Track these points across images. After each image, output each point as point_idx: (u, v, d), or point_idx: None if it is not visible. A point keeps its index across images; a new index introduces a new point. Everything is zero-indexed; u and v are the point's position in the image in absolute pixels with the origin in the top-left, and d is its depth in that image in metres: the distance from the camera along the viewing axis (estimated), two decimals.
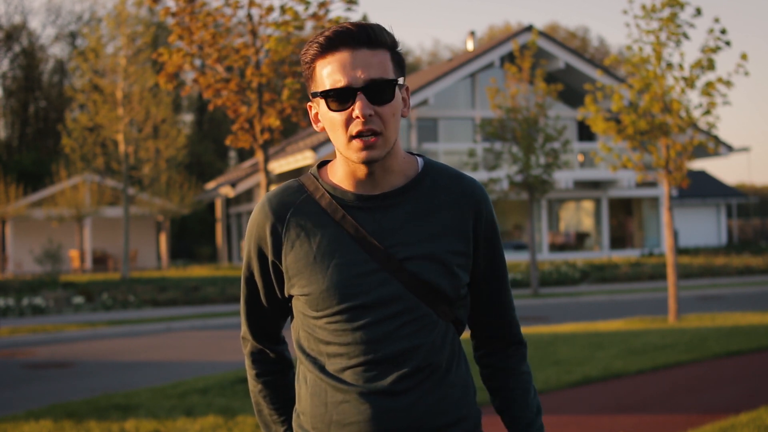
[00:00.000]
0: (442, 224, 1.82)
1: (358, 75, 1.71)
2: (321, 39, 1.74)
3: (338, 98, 1.72)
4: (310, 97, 1.82)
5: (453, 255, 1.81)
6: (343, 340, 1.77)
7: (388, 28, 1.79)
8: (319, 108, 1.80)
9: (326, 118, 1.77)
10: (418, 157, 1.89)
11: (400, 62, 1.79)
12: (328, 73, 1.73)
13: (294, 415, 1.89)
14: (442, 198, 1.84)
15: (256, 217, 1.85)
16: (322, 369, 1.80)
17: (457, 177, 1.87)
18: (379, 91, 1.72)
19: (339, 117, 1.73)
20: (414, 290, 1.77)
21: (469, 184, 1.87)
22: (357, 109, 1.70)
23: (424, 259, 1.78)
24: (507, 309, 1.95)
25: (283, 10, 7.97)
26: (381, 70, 1.73)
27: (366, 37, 1.73)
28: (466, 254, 1.83)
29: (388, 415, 1.75)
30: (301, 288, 1.80)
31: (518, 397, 1.93)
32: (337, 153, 1.82)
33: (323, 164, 1.90)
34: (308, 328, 1.82)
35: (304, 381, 1.85)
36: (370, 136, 1.72)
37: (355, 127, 1.72)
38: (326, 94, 1.74)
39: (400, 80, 1.78)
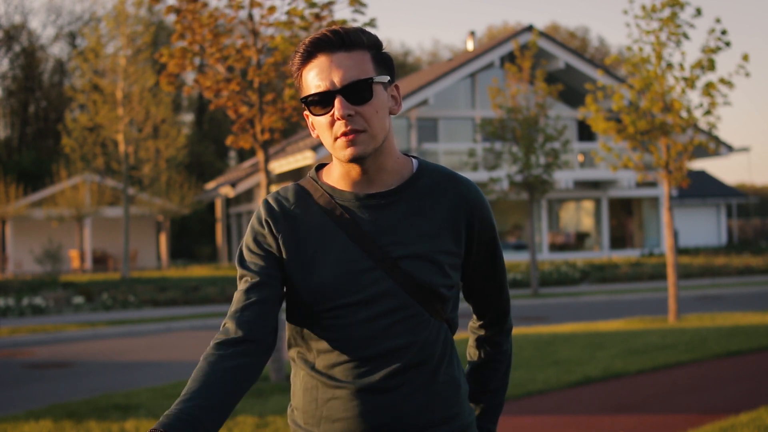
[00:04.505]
0: (437, 224, 1.85)
1: (336, 78, 1.76)
2: (301, 48, 1.81)
3: (320, 102, 1.78)
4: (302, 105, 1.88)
5: (446, 255, 1.84)
6: (335, 337, 1.80)
7: (369, 30, 1.84)
8: (310, 115, 1.85)
9: (315, 123, 1.82)
10: (412, 159, 1.92)
11: (383, 61, 1.83)
12: (311, 80, 1.80)
13: (288, 410, 1.93)
14: (437, 198, 1.87)
15: (259, 216, 1.88)
16: (312, 366, 1.84)
17: (451, 177, 1.91)
18: (357, 91, 1.76)
19: (323, 120, 1.79)
20: (407, 288, 1.80)
21: (463, 184, 1.90)
22: (336, 111, 1.75)
23: (418, 258, 1.81)
24: (501, 301, 2.03)
25: (287, 12, 7.97)
26: (358, 71, 1.77)
27: (341, 40, 1.78)
28: (458, 255, 1.87)
29: (377, 411, 1.78)
30: (297, 284, 1.82)
31: (494, 375, 2.07)
32: (332, 155, 1.87)
33: (320, 167, 1.94)
34: (301, 325, 1.86)
35: (297, 376, 1.89)
36: (352, 133, 1.77)
37: (339, 129, 1.77)
38: (307, 100, 1.81)
39: (382, 78, 1.80)
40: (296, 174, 28.72)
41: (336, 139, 1.78)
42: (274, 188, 10.65)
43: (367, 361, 1.79)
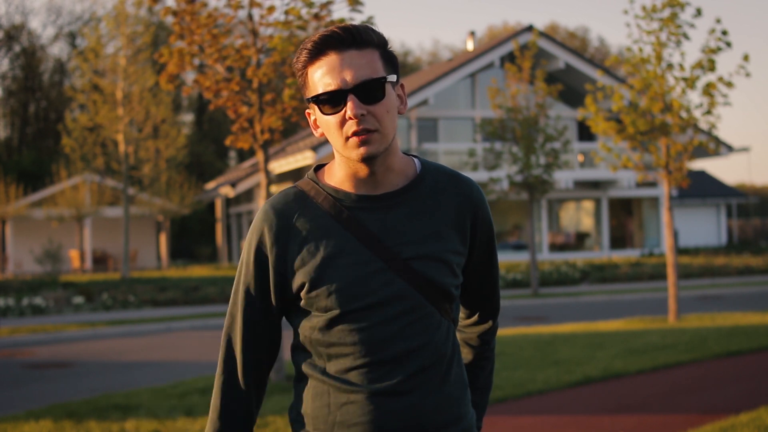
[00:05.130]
0: (443, 223, 1.84)
1: (347, 76, 1.73)
2: (309, 45, 1.77)
3: (330, 101, 1.74)
4: (306, 104, 1.84)
5: (453, 254, 1.84)
6: (349, 341, 1.77)
7: (375, 28, 1.81)
8: (315, 113, 1.81)
9: (322, 121, 1.79)
10: (414, 158, 1.90)
11: (391, 60, 1.80)
12: (319, 78, 1.75)
13: (292, 415, 1.89)
14: (442, 198, 1.85)
15: (259, 226, 1.84)
16: (323, 371, 1.80)
17: (454, 177, 1.89)
18: (369, 91, 1.73)
19: (333, 119, 1.75)
20: (419, 289, 1.78)
21: (466, 184, 1.89)
22: (349, 111, 1.72)
23: (429, 258, 1.80)
24: (494, 301, 2.04)
25: (286, 11, 7.97)
26: (370, 70, 1.74)
27: (352, 38, 1.74)
28: (464, 254, 1.87)
29: (393, 414, 1.76)
30: (309, 290, 1.79)
31: (482, 373, 2.08)
32: (336, 155, 1.83)
33: (319, 168, 1.91)
34: (309, 331, 1.82)
35: (304, 382, 1.85)
36: (365, 133, 1.74)
37: (350, 128, 1.74)
38: (318, 99, 1.76)
39: (391, 77, 1.78)
40: (296, 174, 28.72)
41: (347, 138, 1.74)
42: (274, 188, 10.65)
43: (383, 364, 1.76)
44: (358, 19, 8.06)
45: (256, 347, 1.87)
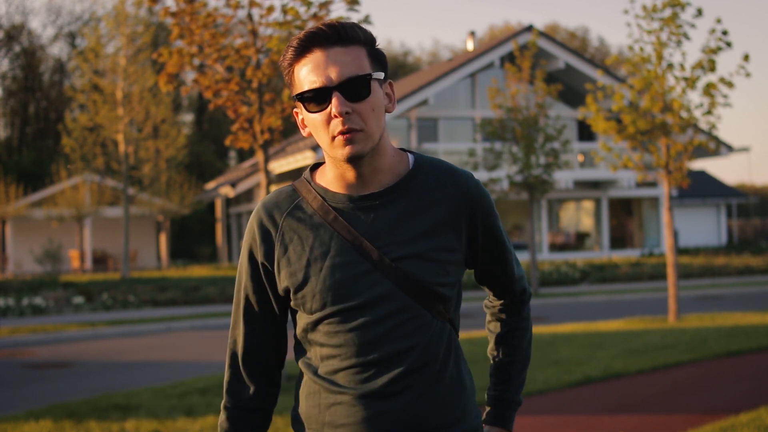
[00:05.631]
0: (434, 222, 1.80)
1: (332, 74, 1.71)
2: (295, 43, 1.75)
3: (315, 99, 1.72)
4: (294, 102, 1.84)
5: (445, 252, 1.80)
6: (336, 342, 1.76)
7: (363, 25, 1.80)
8: (302, 111, 1.79)
9: (309, 120, 1.77)
10: (409, 154, 1.87)
11: (378, 57, 1.78)
12: (305, 75, 1.73)
13: (293, 413, 1.90)
14: (434, 194, 1.82)
15: (250, 224, 1.86)
16: (315, 371, 1.81)
17: (450, 172, 1.85)
18: (354, 88, 1.71)
19: (319, 117, 1.73)
20: (407, 290, 1.75)
21: (463, 179, 1.85)
22: (333, 108, 1.70)
23: (417, 258, 1.77)
24: (517, 283, 2.02)
25: (284, 11, 7.97)
26: (355, 67, 1.72)
27: (337, 35, 1.72)
28: (459, 250, 1.82)
29: (381, 417, 1.74)
30: (295, 291, 1.79)
31: (520, 344, 2.05)
32: (325, 155, 1.81)
33: (315, 167, 1.89)
34: (302, 332, 1.83)
35: (302, 381, 1.86)
36: (349, 132, 1.72)
37: (336, 128, 1.72)
38: (302, 96, 1.74)
39: (378, 75, 1.76)
40: (296, 174, 28.72)
41: (333, 138, 1.72)
42: (274, 188, 10.65)
43: (369, 366, 1.75)
44: (355, 18, 8.05)
45: (260, 348, 1.90)
